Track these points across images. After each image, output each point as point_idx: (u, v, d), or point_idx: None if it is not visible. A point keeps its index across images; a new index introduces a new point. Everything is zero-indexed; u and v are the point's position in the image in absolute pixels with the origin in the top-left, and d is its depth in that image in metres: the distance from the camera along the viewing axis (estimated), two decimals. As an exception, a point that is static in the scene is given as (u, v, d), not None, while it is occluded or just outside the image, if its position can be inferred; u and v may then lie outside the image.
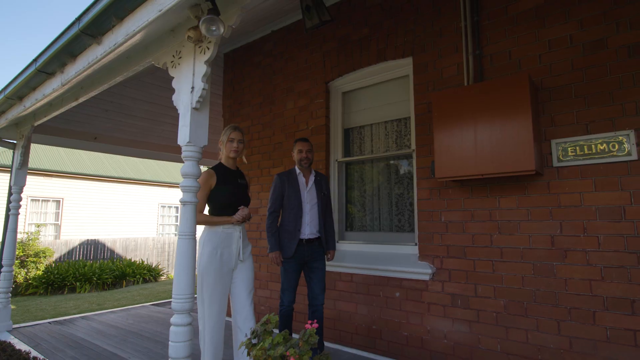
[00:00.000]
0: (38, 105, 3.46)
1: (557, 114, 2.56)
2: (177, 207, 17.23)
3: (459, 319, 2.83)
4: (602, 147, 2.37)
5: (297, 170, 3.12)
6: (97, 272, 10.86)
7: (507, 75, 2.73)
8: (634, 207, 2.26)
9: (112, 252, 13.15)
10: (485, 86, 2.62)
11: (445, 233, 2.98)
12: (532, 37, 2.71)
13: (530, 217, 2.60)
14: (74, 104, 3.46)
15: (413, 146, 3.37)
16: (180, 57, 2.32)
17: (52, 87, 3.03)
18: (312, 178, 3.13)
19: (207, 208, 2.69)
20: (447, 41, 3.12)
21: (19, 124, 4.38)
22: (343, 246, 3.75)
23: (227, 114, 4.96)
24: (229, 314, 2.72)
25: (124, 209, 15.05)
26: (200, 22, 1.89)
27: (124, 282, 11.45)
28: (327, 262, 3.17)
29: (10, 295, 4.40)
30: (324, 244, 3.09)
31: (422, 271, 3.02)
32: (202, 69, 2.17)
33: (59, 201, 13.52)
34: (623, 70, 2.36)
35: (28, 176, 4.30)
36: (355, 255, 3.57)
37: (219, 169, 2.71)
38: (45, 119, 3.99)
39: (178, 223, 17.94)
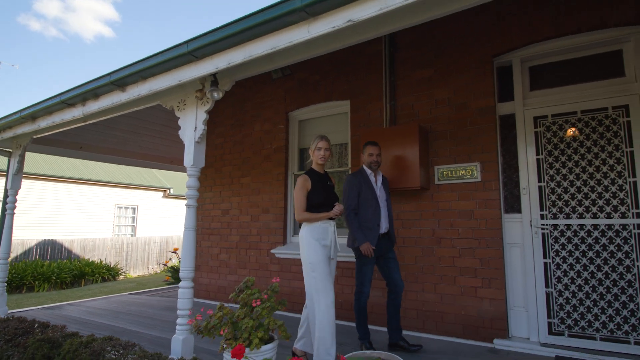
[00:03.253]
0: (52, 125, 4.25)
1: (439, 149, 3.89)
2: (133, 208, 17.43)
3: (381, 287, 4.07)
4: (462, 172, 3.72)
5: (368, 171, 3.34)
6: (56, 271, 11.09)
7: (407, 122, 4.04)
8: (478, 211, 3.62)
9: (69, 252, 13.29)
10: (394, 129, 3.90)
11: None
12: (426, 96, 4.03)
13: (421, 217, 3.90)
14: (81, 124, 4.30)
15: (350, 165, 4.59)
16: (185, 104, 3.34)
17: (73, 115, 3.89)
18: (379, 178, 3.38)
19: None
20: (374, 92, 4.38)
21: (19, 136, 5.05)
22: (297, 239, 4.89)
23: (202, 131, 5.91)
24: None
25: (80, 209, 15.13)
26: (207, 92, 2.96)
27: (83, 281, 11.76)
28: (287, 251, 4.19)
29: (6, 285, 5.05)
30: (393, 237, 3.38)
31: (355, 256, 4.23)
32: (202, 115, 3.21)
33: (12, 201, 13.40)
34: (476, 124, 3.72)
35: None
36: (306, 245, 4.72)
37: (311, 174, 3.00)
38: (46, 134, 4.75)
39: (135, 224, 17.93)
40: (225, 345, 2.54)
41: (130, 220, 17.40)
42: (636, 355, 3.01)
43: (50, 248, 12.91)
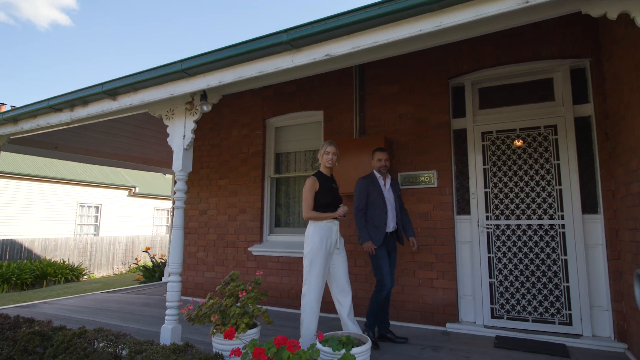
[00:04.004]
0: (37, 128, 4.37)
1: (402, 158, 4.39)
2: (96, 207, 17.01)
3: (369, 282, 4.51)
4: (422, 179, 4.25)
5: (377, 175, 3.61)
6: (16, 272, 10.77)
7: (374, 133, 4.52)
8: (434, 212, 4.16)
9: (30, 252, 12.86)
10: (362, 139, 4.37)
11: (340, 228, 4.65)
12: (391, 110, 4.53)
13: (386, 218, 4.39)
14: (64, 127, 4.45)
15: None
16: (174, 114, 3.62)
17: (59, 119, 4.06)
18: (388, 181, 3.64)
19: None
20: (345, 104, 4.83)
21: (-5, 136, 5.09)
22: (272, 237, 5.27)
23: (180, 134, 6.13)
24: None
25: (40, 208, 14.66)
26: (197, 105, 3.28)
27: (45, 282, 11.48)
28: (264, 248, 4.52)
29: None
30: (402, 233, 3.66)
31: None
32: (191, 125, 3.51)
33: (-33, 200, 12.81)
34: (433, 137, 4.26)
35: None
36: (281, 243, 5.11)
37: (319, 176, 3.27)
38: (25, 135, 4.83)
39: (98, 223, 17.51)
40: (215, 330, 2.89)
41: (93, 220, 16.97)
42: (560, 333, 3.64)
43: (9, 248, 12.45)
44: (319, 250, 3.08)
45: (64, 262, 12.52)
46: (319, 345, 2.45)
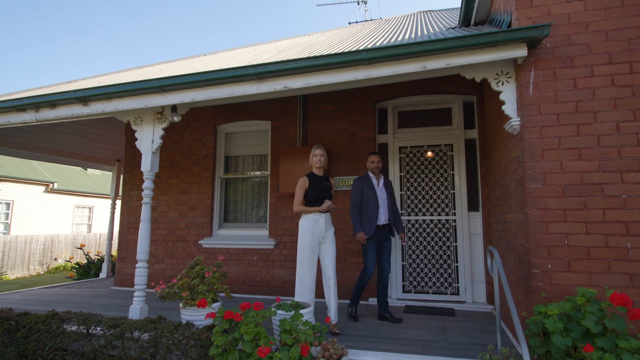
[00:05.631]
0: (-9, 124, 4.48)
1: (338, 165, 5.31)
2: (8, 204, 15.67)
3: (287, 267, 5.32)
4: (352, 182, 5.20)
5: (371, 175, 4.11)
6: None
7: (315, 144, 5.36)
8: (362, 210, 5.13)
9: None
10: (305, 148, 5.21)
11: (283, 222, 5.44)
12: (329, 124, 5.43)
13: (323, 214, 5.27)
14: (21, 125, 4.61)
15: (268, 172, 5.75)
16: (142, 120, 4.11)
17: (23, 119, 4.26)
18: (381, 181, 4.12)
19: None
20: (290, 117, 5.62)
21: None
22: (221, 231, 5.87)
23: (130, 133, 6.41)
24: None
25: (-60, 204, 13.18)
26: (167, 115, 3.83)
27: (-51, 285, 10.52)
28: (213, 241, 5.12)
29: None
30: (394, 228, 4.12)
31: (270, 243, 5.41)
32: (159, 132, 4.04)
33: None
34: (362, 149, 5.24)
35: None
36: (230, 237, 5.74)
37: (310, 175, 3.76)
38: (-30, 129, 4.85)
39: (8, 221, 16.17)
40: (185, 304, 3.50)
41: (3, 217, 15.60)
42: (451, 300, 4.83)
43: None
44: (304, 238, 3.60)
45: (-27, 263, 11.53)
46: (274, 308, 3.21)
